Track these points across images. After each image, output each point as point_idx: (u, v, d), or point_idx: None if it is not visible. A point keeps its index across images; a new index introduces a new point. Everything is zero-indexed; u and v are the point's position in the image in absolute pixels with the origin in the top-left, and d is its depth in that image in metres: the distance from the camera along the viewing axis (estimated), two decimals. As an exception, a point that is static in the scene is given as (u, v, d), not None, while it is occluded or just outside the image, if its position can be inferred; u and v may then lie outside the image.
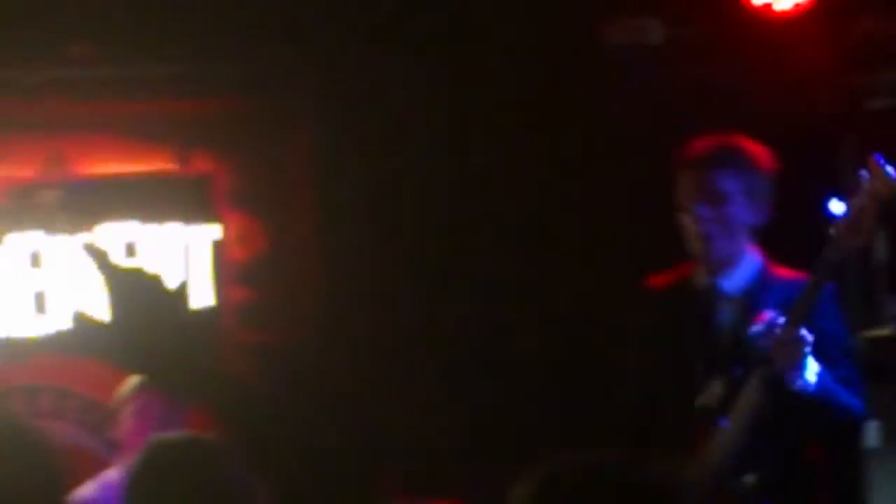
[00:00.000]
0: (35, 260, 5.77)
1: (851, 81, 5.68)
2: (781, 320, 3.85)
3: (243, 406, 4.30)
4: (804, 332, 3.81)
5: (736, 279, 4.07)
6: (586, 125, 5.73)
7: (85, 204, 5.84)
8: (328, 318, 6.02)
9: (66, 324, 5.90)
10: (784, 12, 5.28)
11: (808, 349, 3.82)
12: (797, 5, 5.27)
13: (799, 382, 3.83)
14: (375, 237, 5.91)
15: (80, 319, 5.83)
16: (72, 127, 5.86)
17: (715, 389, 3.96)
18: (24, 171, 5.81)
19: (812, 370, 3.84)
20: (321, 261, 6.10)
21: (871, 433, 5.38)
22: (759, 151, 4.10)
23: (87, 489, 5.04)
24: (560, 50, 5.68)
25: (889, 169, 3.82)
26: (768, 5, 5.28)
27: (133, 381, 4.95)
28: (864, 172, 3.87)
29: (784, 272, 4.18)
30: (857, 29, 5.44)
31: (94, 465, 5.29)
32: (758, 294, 4.08)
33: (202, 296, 6.00)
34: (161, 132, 5.85)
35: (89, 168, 5.85)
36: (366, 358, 5.89)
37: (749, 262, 4.13)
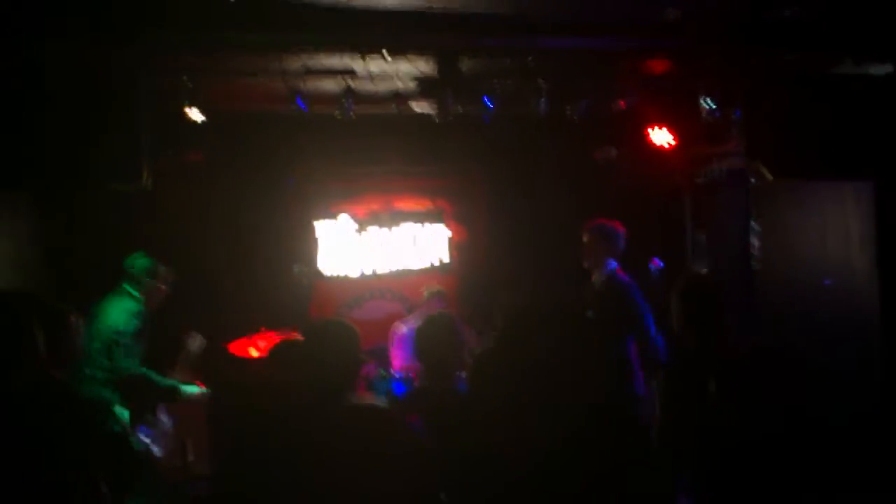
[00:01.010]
0: (380, 239, 7.54)
1: (689, 171, 6.95)
2: None
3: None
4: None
5: (598, 277, 5.26)
6: (587, 191, 7.16)
7: (396, 217, 7.59)
8: (488, 264, 7.42)
9: (395, 268, 7.58)
10: (665, 145, 6.60)
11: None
12: (669, 144, 6.56)
13: None
14: (507, 235, 7.46)
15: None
16: (395, 189, 7.61)
17: None
18: (374, 206, 7.56)
19: None
20: (485, 242, 7.61)
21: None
22: (615, 224, 5.33)
23: (401, 326, 6.61)
24: (578, 161, 7.20)
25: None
26: (658, 141, 6.56)
27: (431, 289, 6.65)
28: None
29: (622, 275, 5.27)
30: (693, 150, 6.64)
31: (404, 318, 6.77)
32: (608, 285, 5.18)
33: (444, 255, 7.59)
34: (427, 191, 7.69)
35: (399, 205, 7.63)
36: (506, 279, 6.97)
37: (606, 269, 5.22)
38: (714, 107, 5.76)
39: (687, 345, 3.56)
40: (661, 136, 6.60)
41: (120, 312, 5.17)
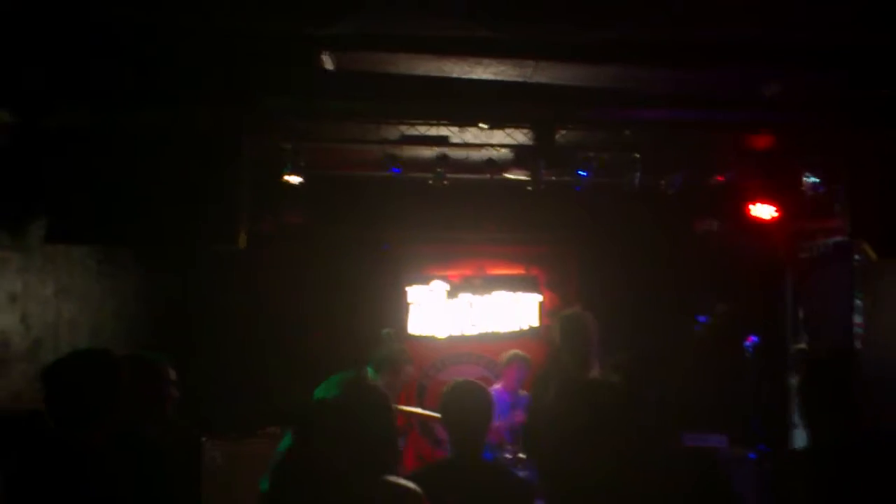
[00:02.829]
0: (471, 304, 7.67)
1: (792, 245, 7.01)
2: None
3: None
4: None
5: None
6: (684, 263, 7.26)
7: (488, 283, 7.66)
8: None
9: (482, 331, 7.66)
10: (767, 218, 6.41)
11: None
12: (772, 217, 6.37)
13: None
14: (600, 304, 6.66)
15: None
16: (488, 255, 7.71)
17: None
18: (467, 272, 7.73)
19: None
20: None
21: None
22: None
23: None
24: (674, 232, 7.06)
25: None
26: (760, 215, 6.38)
27: (509, 353, 6.74)
28: None
29: None
30: (795, 224, 6.63)
31: (489, 383, 6.31)
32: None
33: (534, 320, 7.66)
34: (520, 258, 7.75)
35: (493, 270, 7.74)
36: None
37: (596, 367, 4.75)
38: (818, 182, 5.63)
39: (818, 433, 3.34)
40: (762, 210, 6.46)
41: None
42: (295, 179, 5.68)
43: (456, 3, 3.51)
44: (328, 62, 4.32)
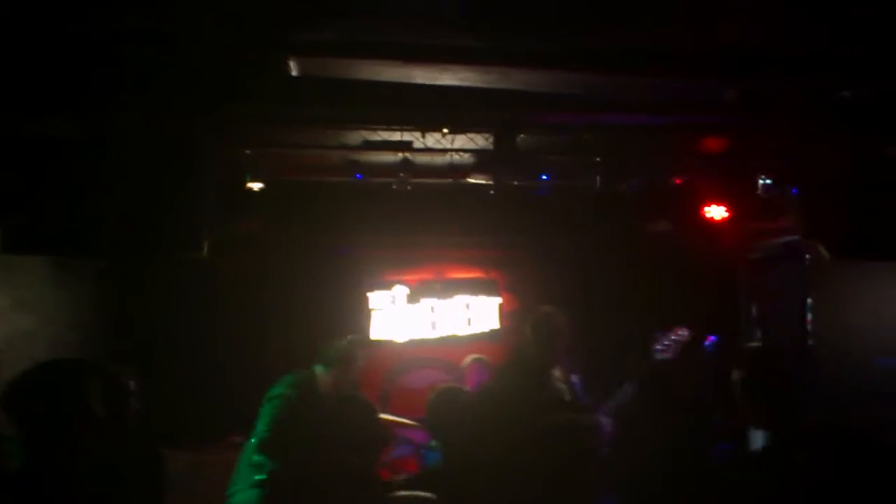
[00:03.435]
0: (432, 308, 7.61)
1: (744, 245, 7.06)
2: None
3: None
4: None
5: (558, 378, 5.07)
6: (640, 264, 7.34)
7: (449, 289, 7.65)
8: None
9: (443, 335, 7.60)
10: (718, 219, 6.39)
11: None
12: (723, 217, 6.35)
13: None
14: (559, 306, 6.18)
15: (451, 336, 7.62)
16: (447, 258, 7.70)
17: None
18: (427, 275, 7.65)
19: None
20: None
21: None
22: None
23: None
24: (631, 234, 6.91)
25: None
26: (713, 216, 6.38)
27: (468, 358, 6.63)
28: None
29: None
30: (748, 226, 6.60)
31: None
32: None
33: (493, 323, 7.67)
34: (480, 261, 7.77)
35: (452, 274, 7.72)
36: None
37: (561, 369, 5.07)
38: (770, 183, 5.70)
39: (753, 426, 3.39)
40: (715, 211, 6.51)
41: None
42: (255, 186, 5.58)
43: (452, 13, 3.48)
44: (295, 68, 4.24)
